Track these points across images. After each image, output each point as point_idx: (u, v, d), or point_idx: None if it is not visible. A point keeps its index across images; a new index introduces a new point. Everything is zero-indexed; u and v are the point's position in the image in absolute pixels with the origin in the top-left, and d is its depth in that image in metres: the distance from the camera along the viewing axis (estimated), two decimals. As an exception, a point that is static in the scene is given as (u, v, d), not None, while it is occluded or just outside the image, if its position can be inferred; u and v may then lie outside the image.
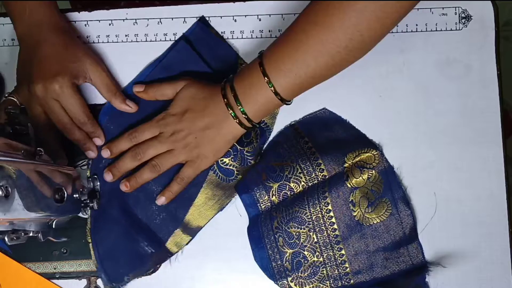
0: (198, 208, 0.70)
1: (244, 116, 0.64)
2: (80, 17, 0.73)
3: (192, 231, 0.70)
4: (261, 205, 0.69)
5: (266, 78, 0.62)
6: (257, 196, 0.69)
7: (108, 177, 0.68)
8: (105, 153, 0.68)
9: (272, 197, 0.69)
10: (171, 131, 0.66)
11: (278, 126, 0.72)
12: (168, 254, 0.70)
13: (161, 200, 0.68)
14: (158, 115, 0.68)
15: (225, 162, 0.69)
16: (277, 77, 0.62)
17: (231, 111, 0.64)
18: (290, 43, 0.61)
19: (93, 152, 0.69)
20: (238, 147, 0.68)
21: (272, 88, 0.62)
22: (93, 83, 0.69)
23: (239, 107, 0.64)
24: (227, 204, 0.70)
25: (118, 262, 0.68)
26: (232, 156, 0.69)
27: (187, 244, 0.70)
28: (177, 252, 0.70)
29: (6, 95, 0.68)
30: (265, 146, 0.71)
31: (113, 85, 0.69)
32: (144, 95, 0.70)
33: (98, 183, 0.69)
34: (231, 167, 0.69)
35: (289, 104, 0.65)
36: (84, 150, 0.69)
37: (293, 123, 0.71)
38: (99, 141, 0.69)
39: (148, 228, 0.69)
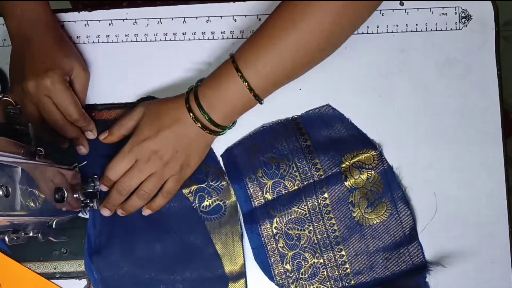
0: (226, 255, 0.69)
1: (211, 124, 0.64)
2: (80, 17, 0.72)
3: (240, 274, 0.69)
4: (255, 201, 0.69)
5: (245, 83, 0.62)
6: (251, 191, 0.69)
7: (106, 212, 0.68)
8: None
9: (265, 193, 0.69)
10: (147, 156, 0.65)
11: (278, 118, 0.71)
12: None
13: (146, 212, 0.68)
14: (124, 146, 0.66)
15: (206, 205, 0.69)
16: (255, 80, 0.62)
17: (198, 124, 0.64)
18: (266, 46, 0.61)
19: (84, 147, 0.69)
20: (203, 185, 0.69)
21: (252, 93, 0.62)
22: (74, 83, 0.68)
23: (204, 116, 0.63)
24: (242, 228, 0.69)
25: None
26: (206, 197, 0.69)
27: (247, 286, 0.69)
28: None
29: (0, 96, 0.68)
30: (259, 129, 0.70)
31: (81, 104, 0.68)
32: (112, 138, 0.68)
33: (98, 183, 0.69)
34: (215, 204, 0.69)
35: (261, 104, 0.65)
36: (75, 145, 0.69)
37: (295, 117, 0.71)
38: (91, 135, 0.69)
39: None
